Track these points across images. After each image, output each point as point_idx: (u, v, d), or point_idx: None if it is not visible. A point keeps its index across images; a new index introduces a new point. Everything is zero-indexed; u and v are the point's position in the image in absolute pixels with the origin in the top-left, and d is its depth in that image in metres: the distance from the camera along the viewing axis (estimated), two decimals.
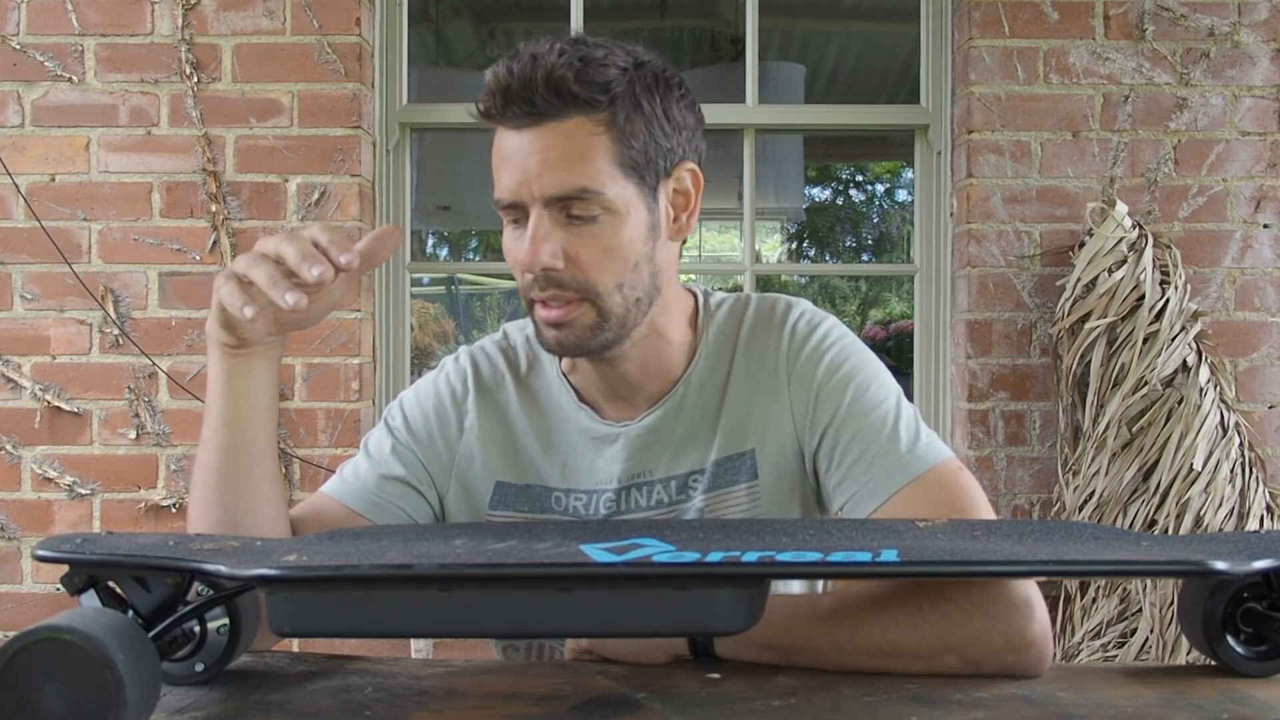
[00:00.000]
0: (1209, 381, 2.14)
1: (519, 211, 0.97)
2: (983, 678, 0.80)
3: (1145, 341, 2.13)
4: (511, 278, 1.04)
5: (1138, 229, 2.21)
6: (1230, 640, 0.77)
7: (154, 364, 2.31)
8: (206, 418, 0.97)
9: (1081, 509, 2.16)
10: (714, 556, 0.68)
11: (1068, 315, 2.21)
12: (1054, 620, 2.20)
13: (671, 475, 1.05)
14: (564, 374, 1.10)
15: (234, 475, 0.96)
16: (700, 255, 6.99)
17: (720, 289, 1.20)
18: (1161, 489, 2.10)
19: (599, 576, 0.68)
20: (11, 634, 0.63)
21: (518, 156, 0.95)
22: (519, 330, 1.15)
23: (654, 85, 0.99)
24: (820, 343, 1.05)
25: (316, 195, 2.32)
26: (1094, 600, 2.18)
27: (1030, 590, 0.84)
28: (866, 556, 0.69)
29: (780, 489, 1.04)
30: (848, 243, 6.44)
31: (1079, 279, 2.19)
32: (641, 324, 1.02)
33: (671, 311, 1.07)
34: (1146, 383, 2.13)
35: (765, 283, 5.15)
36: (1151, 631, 2.09)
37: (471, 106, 1.00)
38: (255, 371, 0.96)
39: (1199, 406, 2.11)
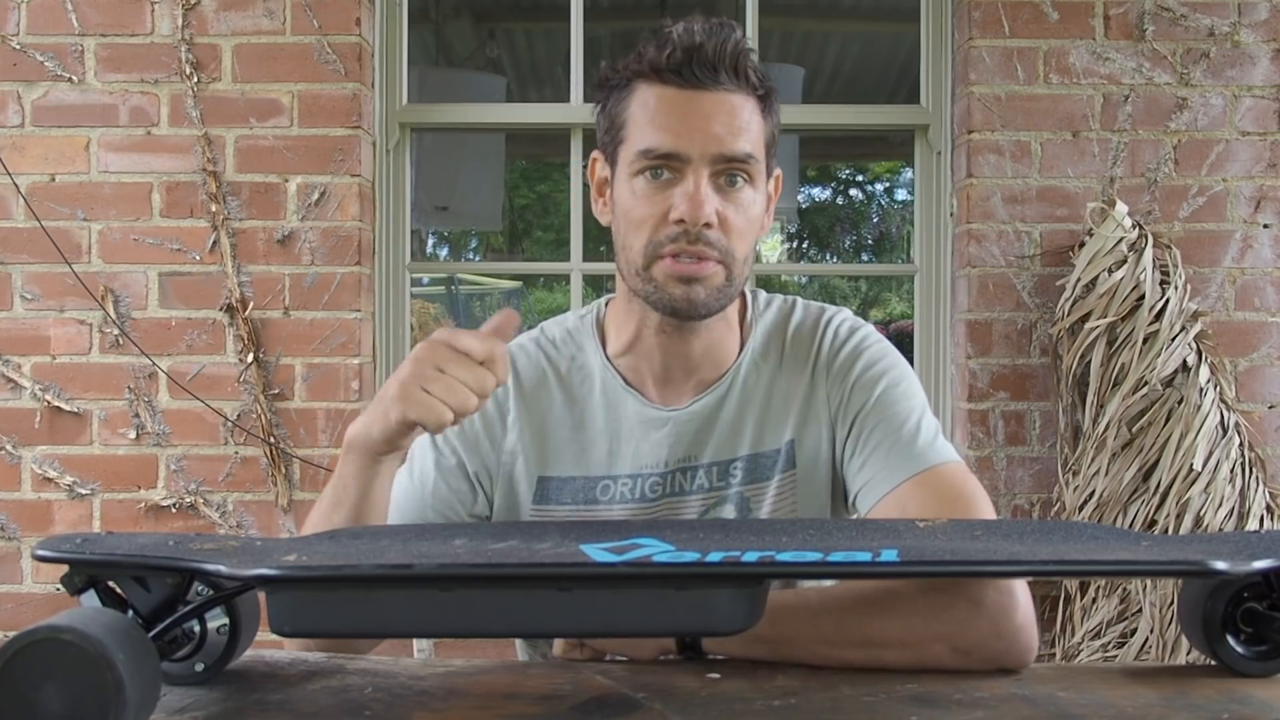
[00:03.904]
0: (1209, 381, 2.14)
1: (673, 163, 1.01)
2: (978, 675, 0.80)
3: (1145, 341, 2.13)
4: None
5: (1138, 229, 2.21)
6: (1230, 640, 0.77)
7: (154, 364, 2.31)
8: (334, 507, 0.99)
9: (1081, 509, 2.16)
10: (714, 556, 0.68)
11: (1068, 315, 2.21)
12: (1054, 620, 2.22)
13: (715, 461, 1.09)
14: (609, 360, 1.13)
15: None
16: None
17: None
18: (1161, 489, 2.10)
19: (599, 576, 0.68)
20: (11, 634, 0.63)
21: (689, 114, 1.01)
22: (557, 325, 1.19)
23: (777, 95, 1.09)
24: (859, 344, 1.12)
25: (316, 195, 2.32)
26: (1094, 600, 2.18)
27: (1015, 580, 0.86)
28: (866, 556, 0.69)
29: (815, 480, 1.09)
30: (848, 243, 6.44)
31: (1079, 279, 2.19)
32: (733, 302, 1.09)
33: (734, 304, 1.13)
34: (1146, 383, 2.13)
35: (765, 283, 5.14)
36: (1151, 631, 2.09)
37: (627, 62, 1.05)
38: (388, 472, 1.01)
39: (1199, 406, 2.11)
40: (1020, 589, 0.86)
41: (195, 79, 2.32)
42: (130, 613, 0.73)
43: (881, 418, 1.06)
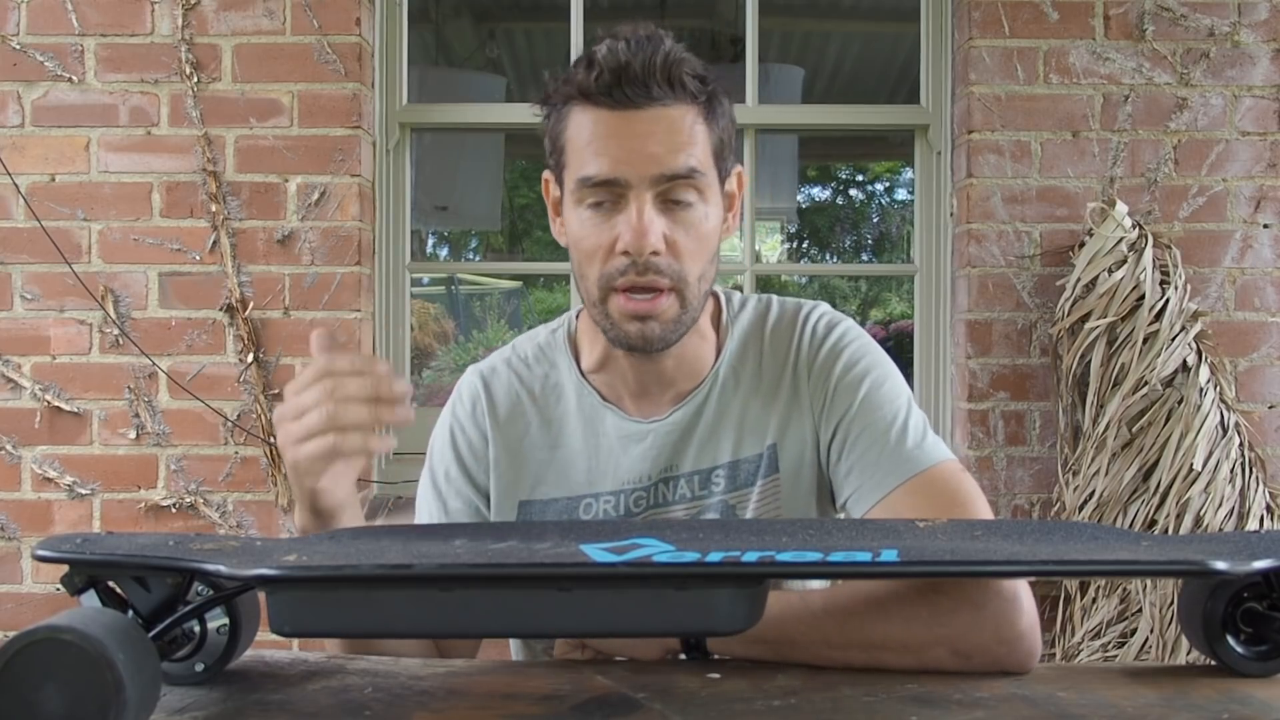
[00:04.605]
0: (1209, 381, 2.14)
1: (613, 190, 0.98)
2: (979, 676, 0.80)
3: (1145, 341, 2.13)
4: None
5: (1138, 229, 2.21)
6: (1230, 640, 0.77)
7: (154, 364, 2.31)
8: None
9: (1081, 509, 2.16)
10: (714, 556, 0.68)
11: (1068, 315, 2.21)
12: (1054, 620, 2.22)
13: (696, 470, 1.07)
14: (584, 376, 1.11)
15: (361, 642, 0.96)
16: None
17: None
18: (1161, 489, 2.10)
19: (599, 576, 0.68)
20: (11, 634, 0.63)
21: (624, 136, 0.97)
22: (529, 341, 1.16)
23: (725, 90, 1.05)
24: (839, 341, 1.09)
25: (316, 195, 2.32)
26: (1094, 600, 2.18)
27: (1019, 584, 0.85)
28: (866, 556, 0.69)
29: (800, 483, 1.07)
30: (847, 243, 6.44)
31: (1079, 279, 2.19)
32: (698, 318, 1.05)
33: (707, 309, 1.09)
34: (1146, 383, 2.13)
35: (765, 283, 5.14)
36: (1151, 631, 2.09)
37: (557, 85, 1.01)
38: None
39: (1199, 406, 2.11)
40: (1024, 594, 0.85)
41: (195, 79, 2.32)
42: (130, 613, 0.73)
43: (868, 422, 1.03)
